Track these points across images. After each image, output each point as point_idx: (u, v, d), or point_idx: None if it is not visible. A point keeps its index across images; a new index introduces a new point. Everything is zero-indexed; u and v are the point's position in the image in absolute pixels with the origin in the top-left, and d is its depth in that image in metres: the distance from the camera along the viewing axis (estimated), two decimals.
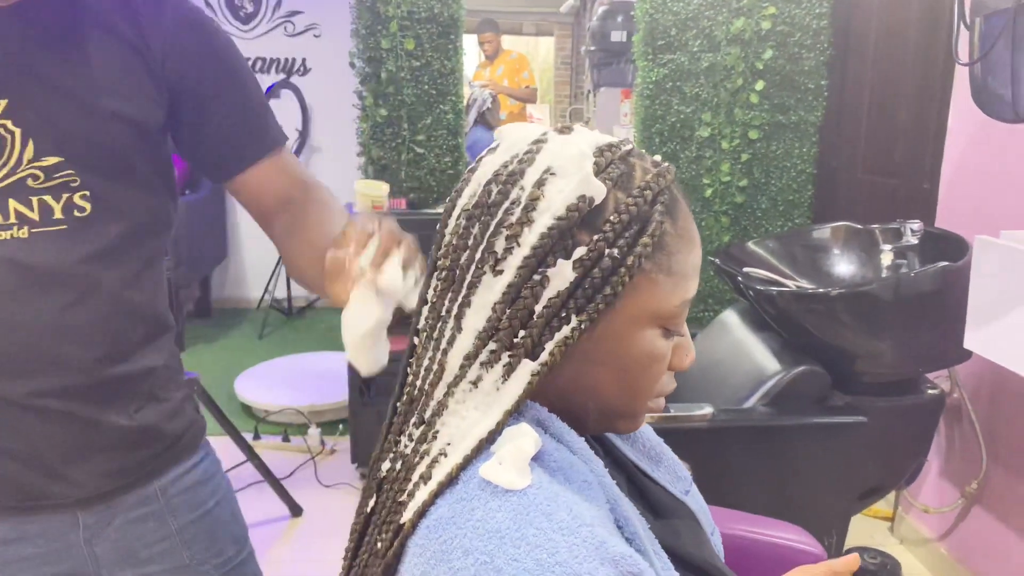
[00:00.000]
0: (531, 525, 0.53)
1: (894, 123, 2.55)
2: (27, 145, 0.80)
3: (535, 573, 0.51)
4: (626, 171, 0.62)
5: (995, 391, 2.00)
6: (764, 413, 1.73)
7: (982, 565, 2.07)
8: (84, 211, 0.83)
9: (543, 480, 0.57)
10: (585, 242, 0.60)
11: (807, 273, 2.10)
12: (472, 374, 0.61)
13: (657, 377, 0.66)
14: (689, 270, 0.64)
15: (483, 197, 0.62)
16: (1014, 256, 1.35)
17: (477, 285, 0.61)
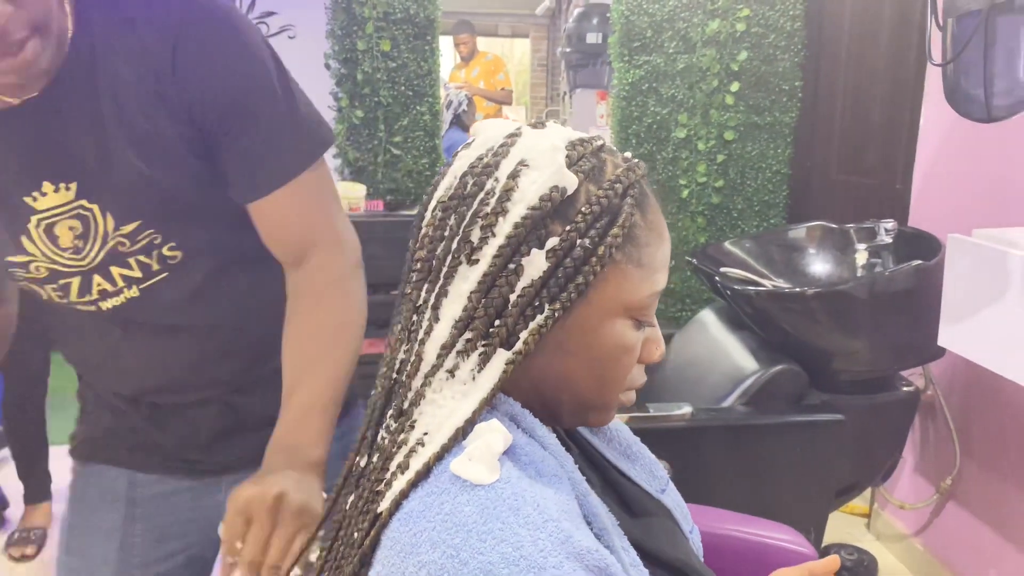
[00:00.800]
0: (497, 519, 0.54)
1: (867, 124, 2.58)
2: (107, 217, 0.86)
3: (500, 567, 0.52)
4: (598, 165, 0.64)
5: (968, 388, 2.03)
6: (742, 412, 1.74)
7: (957, 559, 2.10)
8: (176, 258, 0.91)
9: (512, 474, 0.58)
10: (558, 232, 0.61)
11: (783, 272, 2.12)
12: (449, 363, 0.61)
13: (628, 369, 0.67)
14: (658, 263, 0.66)
15: (459, 189, 0.64)
16: (986, 254, 1.37)
17: (453, 275, 0.62)
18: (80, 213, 0.85)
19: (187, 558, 1.04)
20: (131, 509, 1.01)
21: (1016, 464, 1.88)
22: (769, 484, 1.79)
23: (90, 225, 0.85)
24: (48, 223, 0.85)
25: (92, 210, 0.85)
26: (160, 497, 1.02)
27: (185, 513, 1.03)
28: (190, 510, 1.02)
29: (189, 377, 0.97)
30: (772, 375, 1.75)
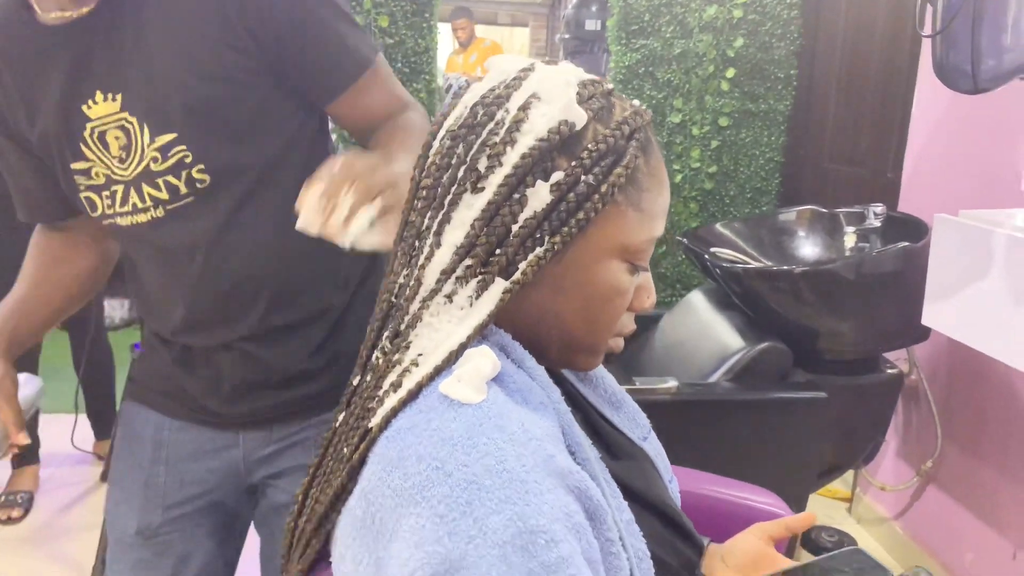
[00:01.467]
0: (483, 435, 0.55)
1: (860, 113, 2.60)
2: (144, 130, 0.90)
3: (483, 478, 0.53)
4: (606, 105, 0.65)
5: (951, 373, 2.05)
6: (727, 388, 1.76)
7: (935, 542, 2.13)
8: (204, 183, 0.92)
9: (499, 397, 0.59)
10: (563, 167, 0.62)
11: (773, 255, 2.14)
12: (447, 288, 0.63)
13: (619, 312, 0.68)
14: (657, 210, 0.67)
15: (469, 118, 0.65)
16: (971, 233, 1.38)
17: (458, 203, 0.63)
18: (123, 125, 0.90)
19: (209, 504, 1.08)
20: (157, 451, 1.06)
21: (995, 448, 1.91)
22: (752, 461, 1.81)
23: (132, 138, 0.90)
24: (100, 131, 0.91)
25: (132, 123, 0.90)
26: (184, 443, 1.06)
27: (206, 462, 1.06)
28: (211, 459, 1.06)
29: (212, 314, 0.99)
30: (757, 352, 1.77)
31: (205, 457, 1.06)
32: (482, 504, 0.52)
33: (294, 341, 1.02)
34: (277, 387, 1.03)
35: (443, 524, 0.52)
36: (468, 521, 0.52)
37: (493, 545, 0.51)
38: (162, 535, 1.07)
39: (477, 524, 0.52)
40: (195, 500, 1.07)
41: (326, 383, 1.04)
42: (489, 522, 0.52)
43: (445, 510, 0.53)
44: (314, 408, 1.05)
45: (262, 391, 1.03)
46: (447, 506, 0.53)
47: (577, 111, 0.63)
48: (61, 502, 2.44)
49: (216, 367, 1.02)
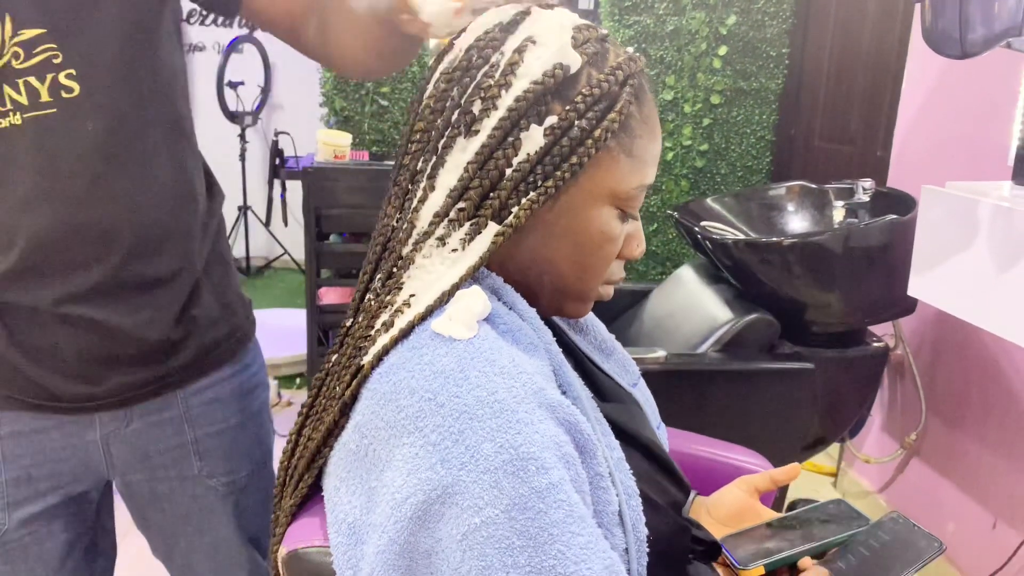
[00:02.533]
0: (474, 368, 0.57)
1: (851, 92, 2.61)
2: (5, 21, 0.76)
3: (474, 408, 0.54)
4: (601, 51, 0.66)
5: (936, 347, 2.08)
6: (714, 358, 1.78)
7: (918, 514, 2.16)
8: (72, 91, 0.78)
9: (490, 334, 0.60)
10: (557, 111, 0.63)
11: (762, 229, 2.15)
12: (440, 231, 0.63)
13: (609, 258, 0.69)
14: (648, 156, 0.68)
15: (463, 61, 0.65)
16: (957, 203, 1.40)
17: (452, 146, 0.64)
18: None
19: (63, 497, 0.93)
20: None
21: (978, 420, 1.93)
22: (737, 432, 1.82)
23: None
24: None
25: None
26: (20, 436, 0.89)
27: (54, 452, 0.90)
28: (60, 449, 0.90)
29: (54, 255, 0.82)
30: (745, 323, 1.79)
31: (51, 448, 0.90)
32: (474, 432, 0.54)
33: (151, 304, 0.87)
34: (133, 362, 0.88)
35: (436, 452, 0.54)
36: (460, 448, 0.53)
37: (485, 471, 0.53)
38: (11, 542, 0.91)
39: (469, 451, 0.53)
40: (46, 496, 0.91)
41: (190, 354, 0.92)
42: (481, 449, 0.53)
43: (438, 439, 0.54)
44: (180, 382, 0.93)
45: (115, 366, 0.87)
46: (440, 435, 0.54)
47: (572, 54, 0.63)
48: None
49: (53, 336, 0.85)
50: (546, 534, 0.52)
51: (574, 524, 0.53)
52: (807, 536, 0.77)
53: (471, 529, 0.52)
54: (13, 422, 0.89)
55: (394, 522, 0.55)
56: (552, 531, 0.52)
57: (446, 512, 0.53)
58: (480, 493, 0.52)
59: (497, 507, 0.52)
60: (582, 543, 0.53)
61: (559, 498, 0.53)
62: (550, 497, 0.53)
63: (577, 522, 0.53)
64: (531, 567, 0.52)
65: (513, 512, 0.52)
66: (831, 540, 0.76)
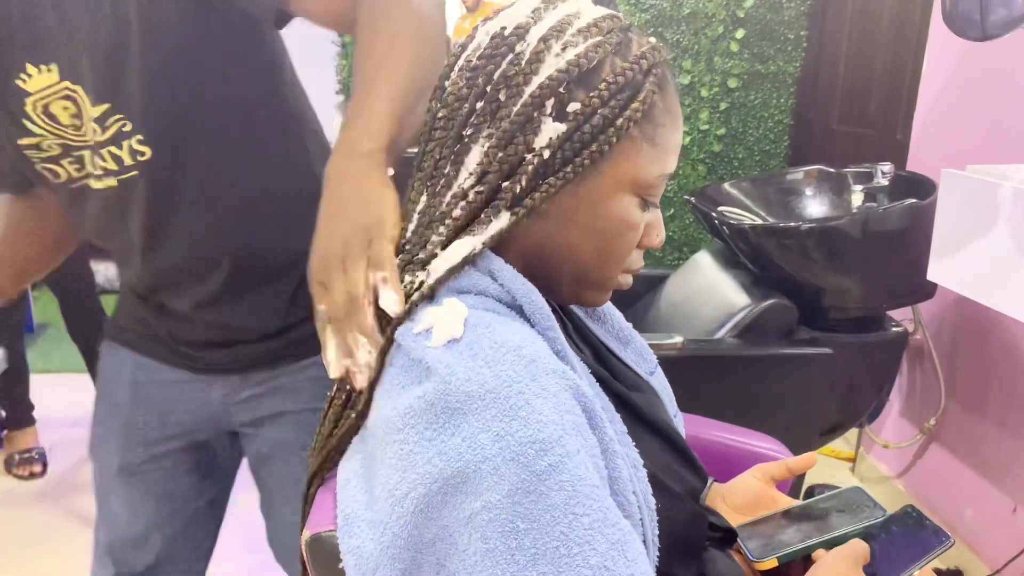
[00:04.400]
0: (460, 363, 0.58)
1: (870, 75, 2.58)
2: (87, 98, 0.85)
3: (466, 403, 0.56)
4: (624, 40, 0.67)
5: (956, 331, 2.07)
6: (732, 344, 1.78)
7: (937, 499, 2.15)
8: (145, 155, 0.88)
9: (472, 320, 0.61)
10: (580, 99, 0.64)
11: (780, 214, 2.14)
12: (458, 211, 0.65)
13: (629, 247, 0.69)
14: (671, 146, 0.69)
15: (488, 49, 0.66)
16: (978, 187, 1.39)
17: (475, 132, 0.65)
18: (67, 94, 0.86)
19: (188, 443, 1.08)
20: (135, 391, 1.06)
21: (998, 405, 1.92)
22: (756, 417, 1.82)
23: (79, 106, 0.86)
24: (43, 103, 0.86)
25: (77, 91, 0.86)
26: (161, 384, 1.05)
27: (184, 403, 1.06)
28: (188, 400, 1.05)
29: (174, 280, 0.98)
30: (763, 309, 1.79)
31: (183, 398, 1.05)
32: (469, 425, 0.55)
33: (266, 297, 0.99)
34: (252, 341, 1.01)
35: (432, 446, 0.55)
36: (456, 440, 0.55)
37: (483, 460, 0.54)
38: (144, 472, 1.07)
39: (466, 442, 0.54)
40: (175, 439, 1.07)
41: (301, 333, 1.01)
42: (478, 440, 0.54)
43: (432, 434, 0.55)
44: (292, 356, 1.03)
45: (234, 345, 1.02)
46: (434, 431, 0.55)
47: (597, 45, 0.64)
48: (75, 459, 2.48)
49: (188, 321, 1.01)
50: (548, 516, 0.53)
51: (577, 505, 0.54)
52: (821, 527, 0.77)
53: (474, 513, 0.53)
54: (155, 371, 1.05)
55: (396, 518, 0.56)
56: (555, 513, 0.53)
57: (449, 501, 0.54)
58: (480, 480, 0.53)
59: (499, 492, 0.53)
60: (586, 523, 0.53)
61: (560, 479, 0.54)
62: (551, 479, 0.53)
63: (581, 501, 0.54)
64: (536, 549, 0.52)
65: (515, 496, 0.53)
66: (844, 532, 0.76)
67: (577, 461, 0.55)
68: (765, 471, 0.84)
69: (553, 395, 0.57)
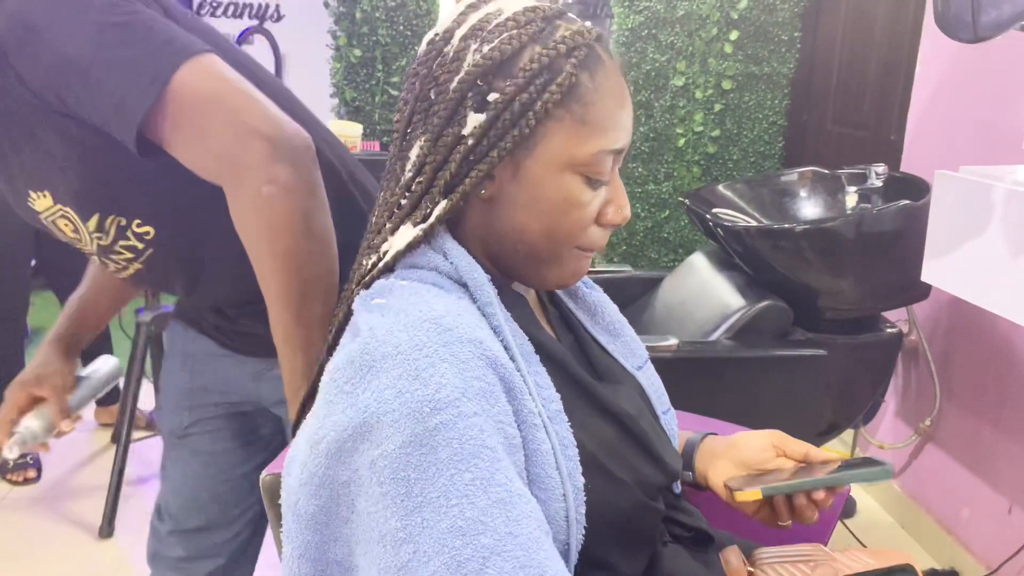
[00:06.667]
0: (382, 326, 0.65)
1: (864, 77, 2.58)
2: (77, 217, 0.93)
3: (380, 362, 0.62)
4: (548, 29, 0.70)
5: (950, 332, 2.07)
6: (727, 346, 1.78)
7: (932, 499, 2.15)
8: (150, 233, 0.94)
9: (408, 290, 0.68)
10: (498, 88, 0.68)
11: (774, 215, 2.15)
12: (404, 201, 0.72)
13: (578, 224, 0.72)
14: (607, 123, 0.70)
15: (423, 56, 0.73)
16: (971, 188, 1.39)
17: (415, 130, 0.72)
18: (64, 214, 0.94)
19: (229, 412, 1.18)
20: (184, 360, 1.18)
21: (992, 406, 1.92)
22: (751, 419, 1.82)
23: (76, 225, 0.95)
24: (51, 220, 0.96)
25: (70, 212, 0.94)
26: (207, 355, 1.15)
27: (225, 374, 1.15)
28: (228, 371, 1.15)
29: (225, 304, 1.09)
30: (758, 311, 1.79)
31: (221, 370, 1.15)
32: (379, 381, 0.61)
33: None
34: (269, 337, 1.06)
35: (347, 399, 0.62)
36: (367, 395, 0.61)
37: (386, 412, 0.60)
38: (191, 435, 1.18)
39: (374, 395, 0.61)
40: (216, 406, 1.17)
41: None
42: (384, 395, 0.60)
43: (350, 388, 0.62)
44: None
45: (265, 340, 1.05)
46: (352, 385, 0.62)
47: (512, 37, 0.68)
48: (70, 464, 2.48)
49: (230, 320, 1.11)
50: (434, 469, 0.58)
51: (461, 462, 0.58)
52: (811, 474, 0.79)
53: (374, 460, 0.59)
54: (204, 343, 1.14)
55: (313, 458, 0.63)
56: (440, 467, 0.58)
57: (357, 447, 0.60)
58: (382, 430, 0.59)
59: (394, 443, 0.58)
60: (467, 479, 0.58)
61: (448, 436, 0.59)
62: (440, 435, 0.58)
63: (466, 459, 0.58)
64: (422, 497, 0.57)
65: (408, 448, 0.58)
66: (828, 477, 0.78)
67: (470, 423, 0.60)
68: (783, 443, 0.85)
69: (461, 361, 0.62)
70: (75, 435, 2.63)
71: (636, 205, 2.96)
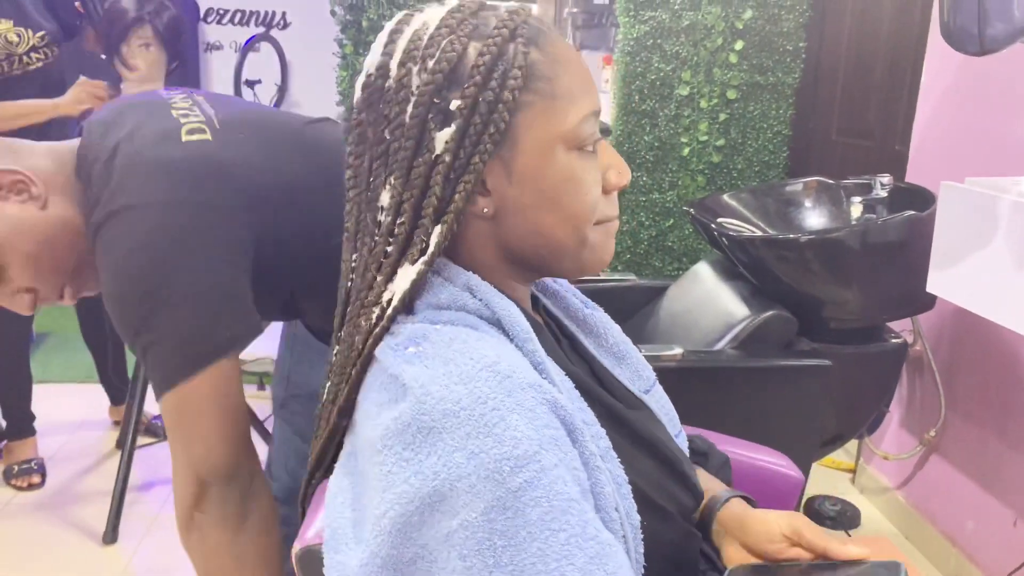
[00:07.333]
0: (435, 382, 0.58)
1: (869, 86, 2.59)
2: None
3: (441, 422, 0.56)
4: (480, 22, 0.66)
5: (955, 342, 2.06)
6: (731, 355, 1.78)
7: (937, 510, 2.15)
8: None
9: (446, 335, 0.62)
10: (456, 95, 0.63)
11: (779, 225, 2.15)
12: (391, 248, 0.66)
13: (588, 199, 0.68)
14: (575, 89, 0.67)
15: (363, 101, 0.67)
16: (977, 199, 1.39)
17: (379, 179, 0.66)
18: None
19: (309, 396, 1.27)
20: (290, 341, 1.34)
21: (998, 416, 1.92)
22: (755, 429, 1.82)
23: None
24: None
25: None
26: (302, 341, 1.31)
27: (309, 361, 1.29)
28: (312, 361, 1.28)
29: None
30: (762, 320, 1.79)
31: (309, 356, 1.28)
32: (444, 444, 0.55)
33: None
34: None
35: (409, 466, 0.55)
36: (432, 460, 0.55)
37: (458, 478, 0.54)
38: (288, 407, 1.33)
39: (441, 461, 0.54)
40: (303, 387, 1.30)
41: None
42: (453, 459, 0.54)
43: (410, 455, 0.56)
44: None
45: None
46: (412, 451, 0.56)
47: (451, 43, 0.64)
48: (74, 470, 2.48)
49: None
50: (525, 532, 0.53)
51: (553, 520, 0.53)
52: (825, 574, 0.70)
53: (451, 532, 0.54)
54: (302, 329, 1.29)
55: (375, 536, 0.57)
56: (531, 530, 0.53)
57: (426, 520, 0.55)
58: (458, 497, 0.54)
59: (475, 510, 0.53)
60: (563, 539, 0.53)
61: (536, 495, 0.53)
62: (526, 495, 0.53)
63: (557, 516, 0.53)
64: (514, 566, 0.52)
65: (491, 513, 0.53)
66: None
67: (554, 476, 0.55)
68: (800, 533, 0.74)
69: (529, 410, 0.56)
70: (80, 440, 2.63)
71: (640, 213, 2.96)
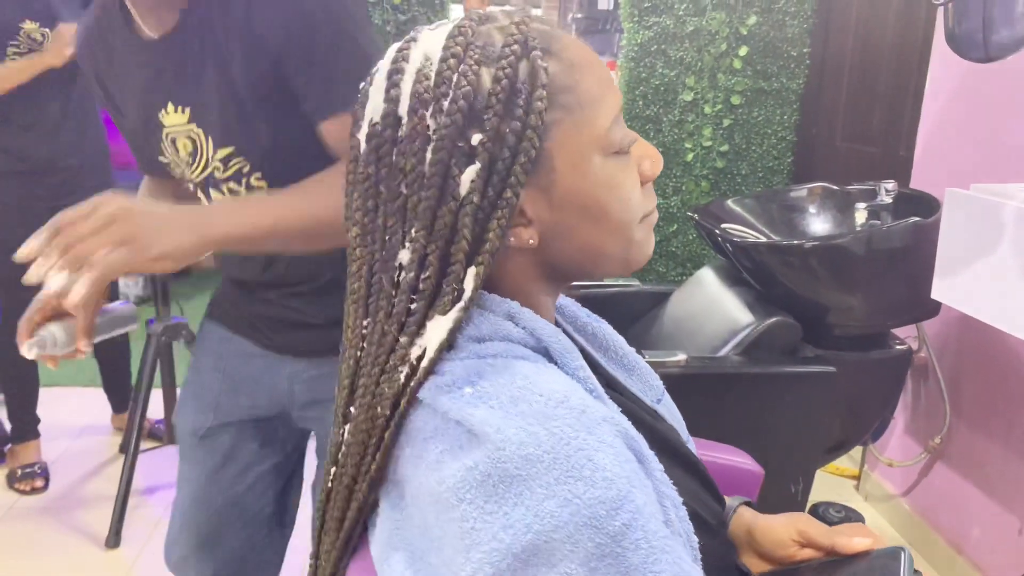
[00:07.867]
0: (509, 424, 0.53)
1: (874, 92, 2.58)
2: (208, 141, 1.01)
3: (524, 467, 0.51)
4: (486, 43, 0.59)
5: (961, 349, 2.06)
6: (736, 361, 1.77)
7: (941, 518, 2.14)
8: (262, 188, 1.02)
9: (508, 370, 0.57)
10: (478, 129, 0.57)
11: (783, 231, 2.14)
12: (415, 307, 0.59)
13: (629, 197, 0.64)
14: (596, 91, 0.62)
15: (371, 153, 0.60)
16: (982, 206, 1.39)
17: (395, 237, 0.60)
18: (191, 135, 1.01)
19: (257, 418, 1.20)
20: (217, 360, 1.20)
21: (1003, 424, 1.91)
22: (760, 435, 1.82)
23: (198, 147, 1.02)
24: (172, 137, 1.03)
25: (199, 134, 1.01)
26: (239, 356, 1.18)
27: (255, 376, 1.18)
28: (260, 374, 1.17)
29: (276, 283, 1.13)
30: (767, 327, 1.78)
31: (256, 372, 1.17)
32: (532, 492, 0.50)
33: (325, 296, 1.11)
34: (314, 328, 1.13)
35: (495, 519, 0.51)
36: (521, 511, 0.50)
37: (554, 528, 0.50)
38: (212, 436, 1.19)
39: (531, 511, 0.50)
40: (243, 409, 1.19)
41: None
42: (544, 508, 0.50)
43: (493, 507, 0.51)
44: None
45: (302, 329, 1.13)
46: (495, 503, 0.51)
47: (462, 76, 0.57)
48: (77, 474, 2.48)
49: (273, 306, 1.14)
50: None
51: (655, 562, 0.51)
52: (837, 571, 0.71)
53: None
54: (238, 344, 1.18)
55: None
56: (634, 574, 0.50)
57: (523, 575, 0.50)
58: (554, 551, 0.50)
59: (575, 561, 0.50)
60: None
61: (636, 538, 0.51)
62: (627, 539, 0.50)
63: (658, 557, 0.51)
64: None
65: (593, 563, 0.50)
66: None
67: (647, 514, 0.52)
68: (806, 533, 0.76)
69: (610, 446, 0.53)
70: (83, 445, 2.64)
71: None
